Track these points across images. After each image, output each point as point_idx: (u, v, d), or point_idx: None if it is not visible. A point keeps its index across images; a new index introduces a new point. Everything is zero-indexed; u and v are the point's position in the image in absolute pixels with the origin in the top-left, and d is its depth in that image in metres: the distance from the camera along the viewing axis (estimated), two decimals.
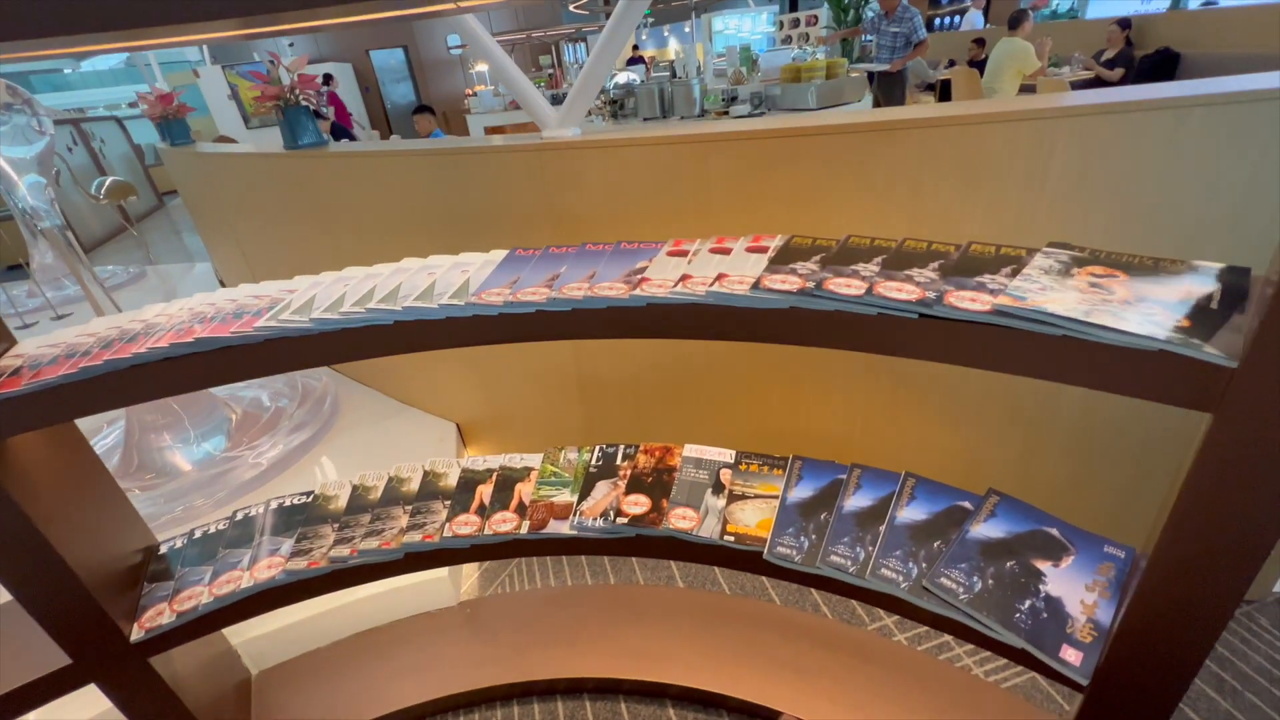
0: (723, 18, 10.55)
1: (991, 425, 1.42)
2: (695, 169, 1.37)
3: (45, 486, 0.99)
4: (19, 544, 0.93)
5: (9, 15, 0.66)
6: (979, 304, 0.72)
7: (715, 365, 1.64)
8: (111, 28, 0.71)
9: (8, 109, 1.74)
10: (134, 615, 1.12)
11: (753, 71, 5.68)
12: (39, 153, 1.81)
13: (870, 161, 1.26)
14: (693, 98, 4.95)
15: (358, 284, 1.07)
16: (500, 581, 1.87)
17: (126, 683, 1.11)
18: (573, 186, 1.51)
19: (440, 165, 1.72)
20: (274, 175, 2.42)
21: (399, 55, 11.70)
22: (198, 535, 1.30)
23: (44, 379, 0.88)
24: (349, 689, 1.51)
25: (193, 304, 1.09)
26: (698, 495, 1.21)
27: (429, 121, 5.12)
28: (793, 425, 1.63)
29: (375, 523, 1.25)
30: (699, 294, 0.87)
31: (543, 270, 1.05)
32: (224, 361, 0.93)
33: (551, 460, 1.36)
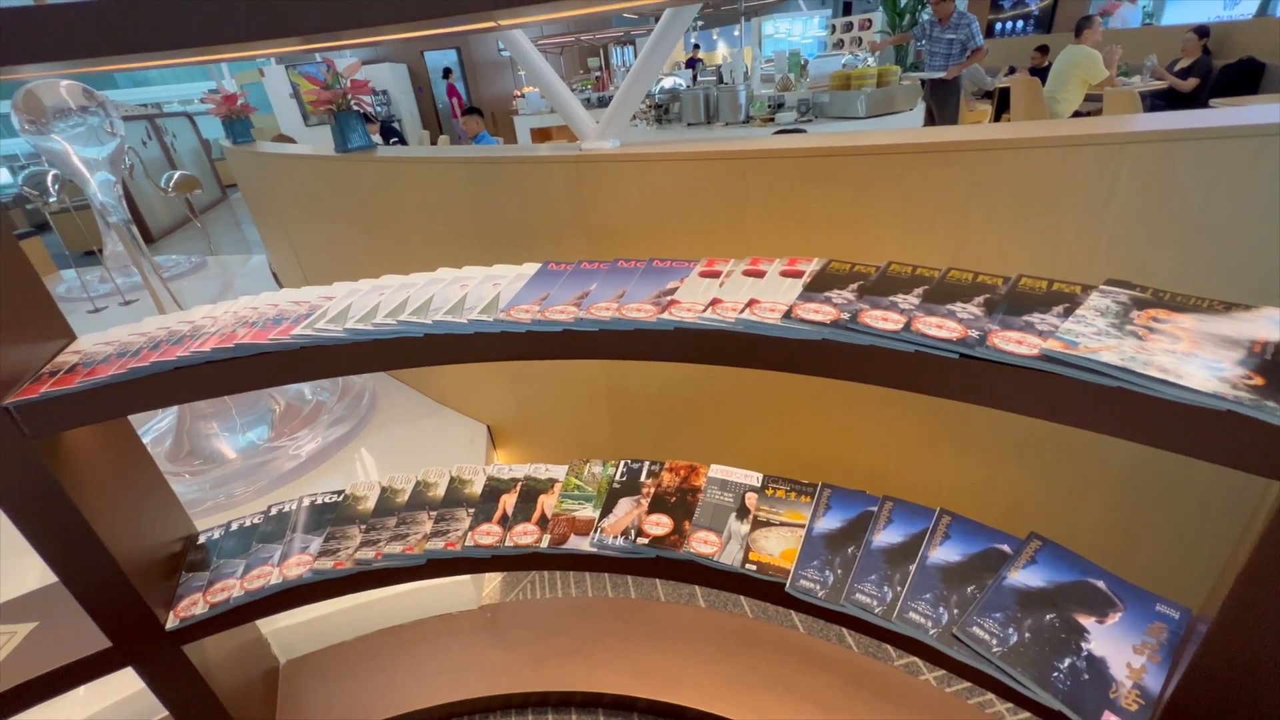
0: (773, 21, 10.43)
1: (1036, 465, 1.35)
2: (732, 185, 1.34)
3: (94, 478, 1.04)
4: (67, 533, 0.98)
5: (107, 35, 0.70)
6: (1025, 347, 0.68)
7: (745, 385, 1.61)
8: (180, 46, 0.74)
9: (83, 111, 1.84)
10: (171, 603, 1.17)
11: (801, 78, 5.58)
12: (110, 153, 1.91)
13: (915, 184, 1.21)
14: (738, 104, 4.90)
15: (392, 294, 1.08)
16: (522, 588, 1.88)
17: (161, 668, 1.15)
18: (608, 199, 1.50)
19: (479, 173, 1.74)
20: (324, 176, 2.51)
21: (452, 56, 11.98)
22: (234, 528, 1.35)
23: (96, 378, 0.92)
24: (371, 685, 1.54)
25: (237, 307, 1.13)
26: (721, 519, 1.19)
27: (477, 123, 5.22)
28: (822, 451, 1.59)
29: (401, 526, 1.27)
30: (729, 321, 0.85)
31: (573, 287, 1.04)
32: (261, 367, 0.96)
33: (576, 473, 1.36)
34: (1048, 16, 9.36)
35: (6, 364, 0.92)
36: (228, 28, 0.75)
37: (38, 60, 0.74)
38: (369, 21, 0.75)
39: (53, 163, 1.89)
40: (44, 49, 0.73)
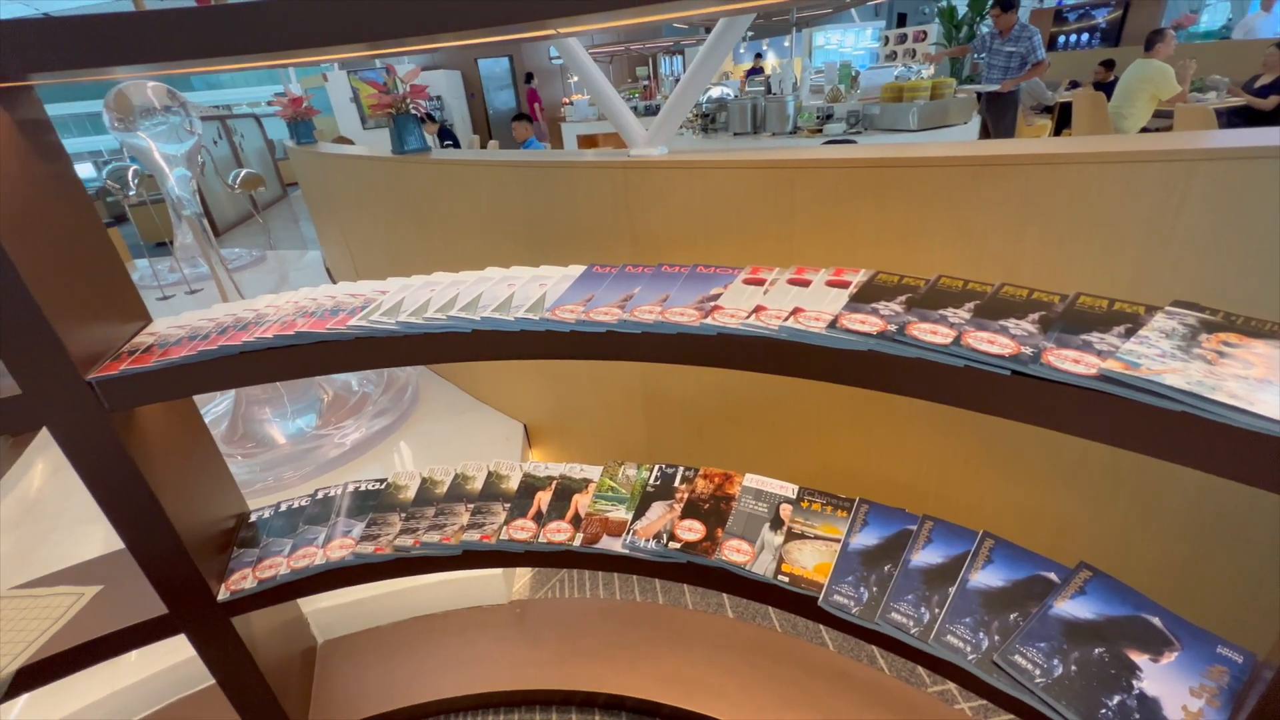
0: (825, 33, 10.34)
1: (1088, 492, 1.29)
2: (779, 195, 1.34)
3: (161, 453, 1.10)
4: (135, 503, 1.04)
5: (202, 39, 0.75)
6: (1083, 366, 0.66)
7: (784, 395, 1.60)
8: (251, 51, 0.79)
9: (166, 110, 1.97)
10: (223, 576, 1.23)
11: (851, 89, 5.52)
12: (188, 150, 2.03)
13: (969, 198, 1.19)
14: (786, 114, 4.87)
15: (442, 290, 1.12)
16: (551, 585, 1.90)
17: (210, 637, 1.21)
18: (655, 205, 1.52)
19: (528, 177, 1.78)
20: (380, 177, 2.60)
21: (504, 64, 12.28)
22: (283, 508, 1.41)
23: (169, 358, 0.98)
24: (403, 670, 1.58)
25: (297, 298, 1.19)
26: (754, 528, 1.18)
27: (526, 129, 5.34)
28: (861, 466, 1.56)
29: (439, 517, 1.31)
30: (772, 328, 0.85)
31: (618, 289, 1.06)
32: (318, 355, 1.00)
33: (610, 475, 1.37)
34: (1115, 30, 8.99)
35: (91, 342, 0.99)
36: (308, 34, 0.79)
37: (136, 62, 0.80)
38: (433, 28, 0.78)
39: (136, 158, 2.02)
40: (143, 51, 0.79)
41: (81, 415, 0.95)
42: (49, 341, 0.90)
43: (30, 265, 0.87)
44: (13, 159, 0.90)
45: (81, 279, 1.00)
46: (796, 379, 1.49)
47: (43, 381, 0.92)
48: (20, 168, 0.91)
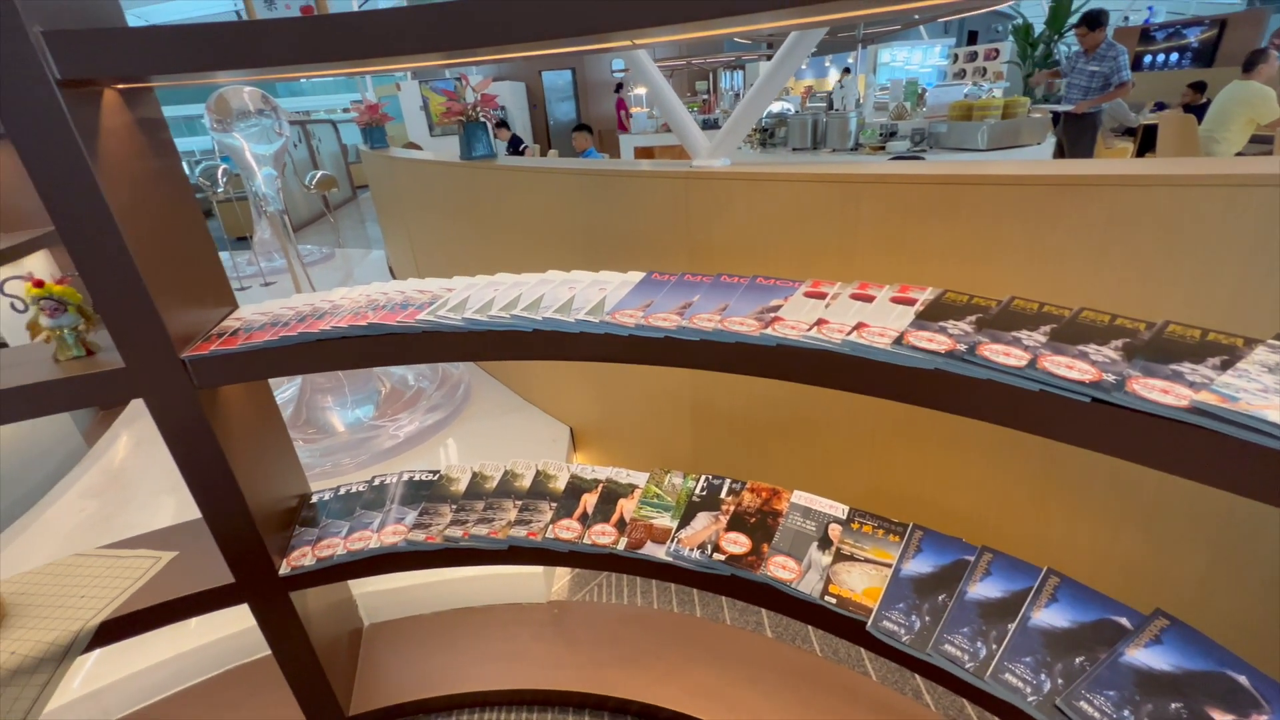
0: (891, 49, 10.15)
1: (1165, 534, 1.21)
2: (843, 209, 1.32)
3: (238, 431, 1.17)
4: (213, 475, 1.11)
5: (278, 49, 0.81)
6: (1172, 397, 0.62)
7: (836, 413, 1.56)
8: (346, 58, 0.84)
9: (259, 114, 2.12)
10: (284, 552, 1.29)
11: (917, 106, 5.39)
12: (276, 151, 2.17)
13: (1046, 219, 1.14)
14: (847, 131, 4.80)
15: (505, 290, 1.16)
16: (589, 589, 1.91)
17: (270, 609, 1.27)
18: (715, 216, 1.52)
19: (590, 184, 1.82)
20: (447, 180, 2.71)
21: (566, 76, 12.58)
22: (342, 492, 1.47)
23: (254, 341, 1.05)
24: (443, 659, 1.62)
25: (369, 291, 1.25)
26: (802, 546, 1.16)
27: (585, 139, 5.45)
28: (915, 492, 1.51)
29: (488, 511, 1.34)
30: (834, 341, 0.84)
31: (676, 297, 1.06)
32: (388, 346, 1.05)
33: (656, 482, 1.37)
34: (1209, 49, 8.47)
35: (185, 324, 1.06)
36: (396, 43, 0.84)
37: (245, 67, 0.86)
38: (516, 39, 0.82)
39: (228, 157, 2.17)
40: (251, 57, 0.85)
41: (174, 390, 1.03)
42: (152, 321, 0.97)
43: (141, 251, 0.94)
44: (132, 154, 0.98)
45: (182, 265, 1.08)
46: (850, 396, 1.45)
47: (143, 357, 0.99)
48: (138, 162, 1.00)
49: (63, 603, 1.20)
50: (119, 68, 0.83)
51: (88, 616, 1.15)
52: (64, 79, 0.83)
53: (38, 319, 1.03)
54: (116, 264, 0.92)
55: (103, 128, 0.91)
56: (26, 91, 0.80)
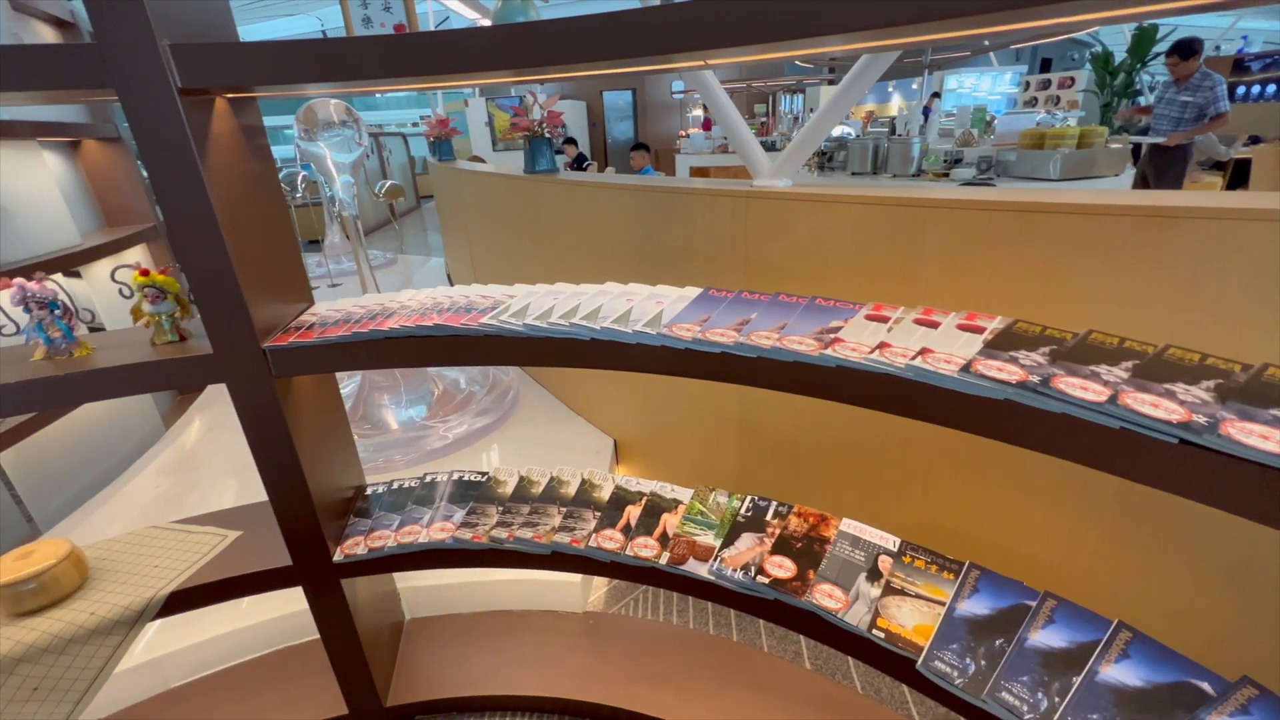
0: (958, 76, 9.93)
1: (1258, 594, 1.11)
2: (908, 234, 1.30)
3: (306, 420, 1.24)
4: (282, 460, 1.17)
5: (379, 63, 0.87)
6: (1274, 444, 0.58)
7: (891, 440, 1.52)
8: (430, 72, 0.89)
9: (342, 124, 2.25)
10: (339, 540, 1.35)
11: (985, 134, 5.24)
12: (354, 159, 2.30)
13: (1129, 251, 1.09)
14: (910, 156, 4.71)
15: (565, 299, 1.18)
16: (625, 603, 1.90)
17: (322, 594, 1.32)
18: (774, 235, 1.52)
19: (649, 201, 1.85)
20: (510, 193, 2.80)
21: (627, 97, 12.86)
22: (395, 486, 1.52)
23: (328, 336, 1.11)
24: (479, 660, 1.64)
25: (435, 294, 1.30)
26: (849, 576, 1.13)
27: (643, 158, 5.54)
28: (971, 530, 1.44)
29: (533, 515, 1.36)
30: (897, 366, 0.82)
31: (734, 313, 1.07)
32: (451, 347, 1.09)
33: (701, 499, 1.36)
34: None
35: (268, 316, 1.13)
36: (481, 59, 0.88)
37: (340, 79, 0.93)
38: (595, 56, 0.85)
39: (309, 165, 2.32)
40: (347, 71, 0.91)
41: (254, 377, 1.09)
42: (240, 312, 1.04)
43: (236, 246, 1.02)
44: (234, 157, 1.07)
45: (268, 262, 1.16)
46: (905, 425, 1.41)
47: (230, 345, 1.06)
48: (238, 165, 1.08)
49: (138, 570, 1.28)
50: (233, 78, 0.90)
51: (160, 585, 1.23)
52: (184, 87, 0.91)
53: (141, 305, 1.12)
54: (214, 258, 0.99)
55: (212, 132, 1.00)
56: (153, 98, 0.88)
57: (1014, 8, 0.60)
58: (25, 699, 1.12)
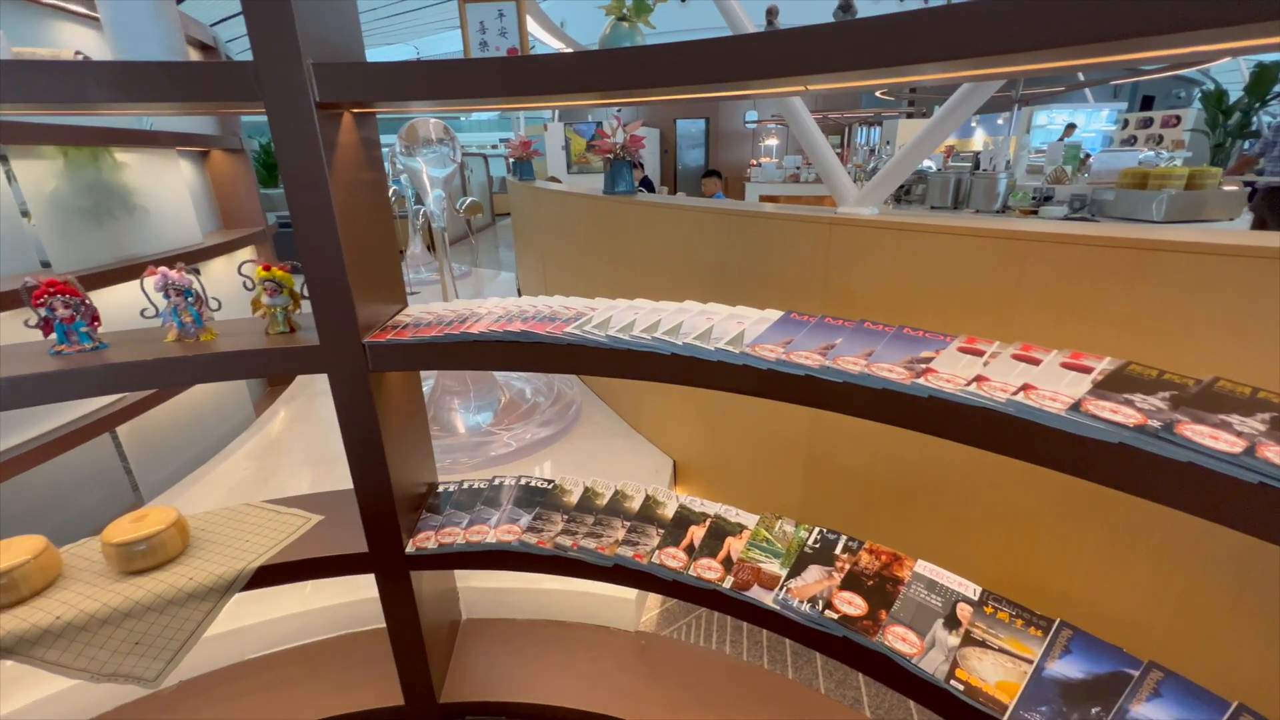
0: (1049, 112, 9.53)
1: None
2: (1004, 267, 1.25)
3: (393, 414, 1.30)
4: (369, 450, 1.24)
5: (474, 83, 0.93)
6: None
7: (973, 482, 1.44)
8: (541, 92, 0.94)
9: (440, 142, 2.40)
10: (411, 533, 1.40)
11: (1079, 171, 4.98)
12: (448, 175, 2.45)
13: (1257, 296, 1.00)
14: (995, 192, 4.54)
15: (645, 314, 1.20)
16: (678, 626, 1.87)
17: (393, 583, 1.37)
18: (857, 263, 1.49)
19: (728, 224, 1.86)
20: (588, 212, 2.89)
21: (699, 125, 13.06)
22: (465, 486, 1.57)
23: (423, 336, 1.17)
24: (530, 667, 1.65)
25: (521, 303, 1.35)
26: (925, 621, 1.07)
27: (715, 184, 5.59)
28: (1060, 586, 1.34)
29: (597, 526, 1.37)
30: (997, 400, 0.78)
31: (817, 337, 1.05)
32: (535, 353, 1.13)
33: (767, 526, 1.33)
34: None
35: (368, 314, 1.21)
36: (585, 80, 0.93)
37: (456, 97, 0.99)
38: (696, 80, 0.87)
39: (408, 179, 2.48)
40: (462, 90, 0.98)
41: (353, 370, 1.17)
42: (347, 308, 1.12)
43: (349, 248, 1.10)
44: (354, 166, 1.16)
45: (373, 264, 1.24)
46: (989, 466, 1.34)
47: (335, 338, 1.14)
48: (356, 173, 1.17)
49: (232, 543, 1.37)
50: (366, 94, 0.98)
51: (250, 559, 1.31)
52: (321, 102, 1.00)
53: (260, 296, 1.22)
54: (330, 257, 1.08)
55: (339, 143, 1.09)
56: (295, 110, 0.98)
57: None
58: (127, 651, 1.21)
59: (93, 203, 2.23)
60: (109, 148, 2.30)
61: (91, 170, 2.24)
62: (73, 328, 1.15)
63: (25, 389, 1.04)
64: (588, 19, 10.74)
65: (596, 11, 1.34)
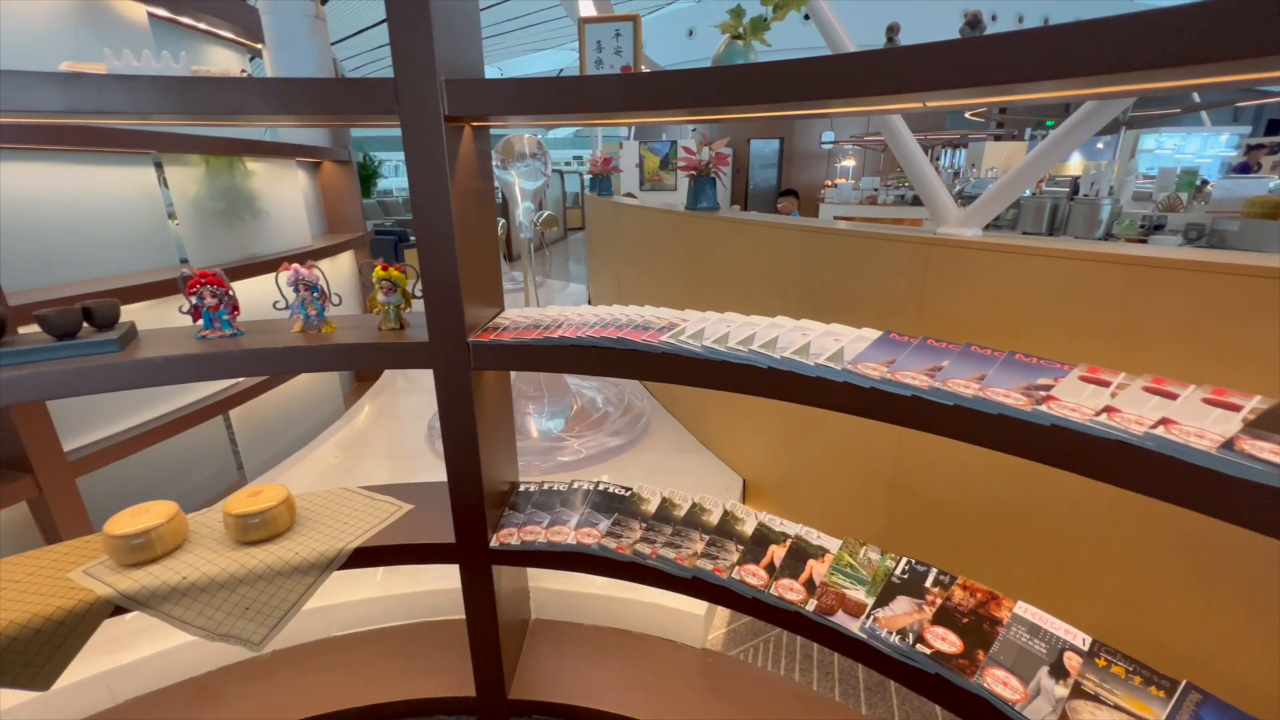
0: (1158, 135, 8.87)
1: None
2: (1128, 295, 1.17)
3: (487, 411, 1.36)
4: (466, 443, 1.30)
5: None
6: None
7: (1082, 523, 1.34)
8: (654, 107, 0.98)
9: (532, 156, 2.51)
10: (495, 528, 1.45)
11: (1195, 199, 4.60)
12: (537, 188, 2.55)
13: None
14: (1097, 219, 4.26)
15: (738, 327, 1.21)
16: (746, 648, 1.83)
17: (475, 576, 1.42)
18: (956, 285, 1.44)
19: (816, 242, 1.84)
20: (669, 226, 2.93)
21: (774, 145, 12.98)
22: (545, 487, 1.61)
23: (523, 338, 1.22)
24: (595, 674, 1.66)
25: (613, 310, 1.38)
26: (1028, 667, 1.00)
27: (791, 204, 5.54)
28: (1181, 645, 1.22)
29: (675, 537, 1.37)
30: (1133, 433, 0.73)
31: (920, 358, 1.02)
32: (632, 360, 1.15)
33: (850, 552, 1.29)
34: None
35: (473, 315, 1.27)
36: (687, 98, 0.95)
37: (570, 112, 1.04)
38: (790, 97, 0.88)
39: (501, 190, 2.59)
40: (576, 105, 1.02)
41: (457, 366, 1.23)
42: (456, 308, 1.19)
43: (461, 251, 1.17)
44: (470, 175, 1.23)
45: (479, 268, 1.31)
46: (1104, 505, 1.25)
47: (444, 336, 1.21)
48: (470, 182, 1.24)
49: (332, 524, 1.46)
50: (491, 108, 1.05)
51: (348, 540, 1.39)
52: (449, 115, 1.07)
53: (377, 294, 1.31)
54: (445, 259, 1.15)
55: (460, 154, 1.16)
56: (427, 123, 1.05)
57: None
58: (238, 615, 1.31)
59: (225, 206, 2.47)
60: (242, 157, 2.55)
61: (226, 177, 2.48)
62: (217, 315, 1.27)
63: (178, 367, 1.16)
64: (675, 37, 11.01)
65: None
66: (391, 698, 1.59)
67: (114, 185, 2.05)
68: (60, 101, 0.97)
